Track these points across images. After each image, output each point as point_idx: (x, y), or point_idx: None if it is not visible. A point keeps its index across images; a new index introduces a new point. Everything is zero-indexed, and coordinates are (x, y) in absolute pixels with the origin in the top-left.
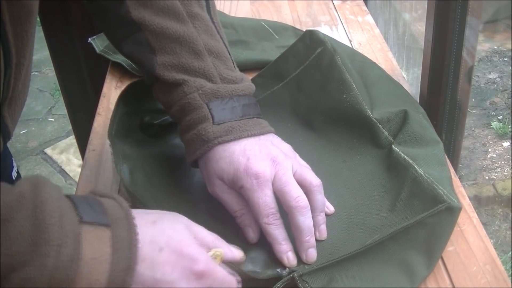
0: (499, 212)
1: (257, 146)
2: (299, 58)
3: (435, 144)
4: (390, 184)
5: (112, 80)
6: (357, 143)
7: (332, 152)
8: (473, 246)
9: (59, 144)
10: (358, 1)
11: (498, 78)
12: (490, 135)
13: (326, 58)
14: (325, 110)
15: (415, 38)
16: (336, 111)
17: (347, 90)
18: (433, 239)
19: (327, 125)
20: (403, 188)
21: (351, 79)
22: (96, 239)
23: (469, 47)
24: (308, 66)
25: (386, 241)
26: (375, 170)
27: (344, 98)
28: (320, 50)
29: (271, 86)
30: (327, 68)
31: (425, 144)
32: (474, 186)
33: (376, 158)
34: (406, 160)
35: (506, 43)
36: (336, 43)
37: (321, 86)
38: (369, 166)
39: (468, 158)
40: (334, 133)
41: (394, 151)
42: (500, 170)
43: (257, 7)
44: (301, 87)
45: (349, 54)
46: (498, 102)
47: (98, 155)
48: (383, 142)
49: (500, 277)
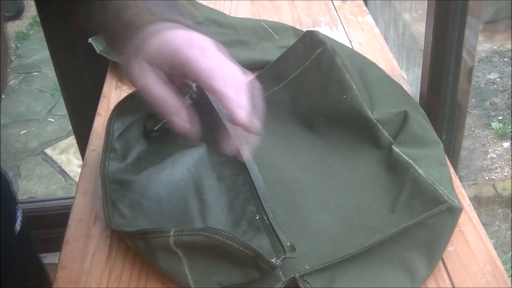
0: (499, 212)
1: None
2: (298, 59)
3: (435, 145)
4: (391, 185)
5: (112, 80)
6: (357, 143)
7: (332, 153)
8: (473, 246)
9: (59, 144)
10: (358, 1)
11: (498, 79)
12: (490, 135)
13: (326, 59)
14: (325, 111)
15: (415, 38)
16: (336, 112)
17: (347, 91)
18: (434, 240)
19: (327, 126)
20: (403, 188)
21: (351, 79)
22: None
23: (469, 47)
24: (308, 67)
25: (386, 241)
26: (375, 171)
27: (344, 98)
28: (320, 51)
29: (271, 87)
30: (327, 69)
31: (425, 145)
32: (474, 187)
33: (376, 158)
34: (407, 160)
35: (506, 43)
36: (336, 43)
37: (321, 86)
38: (369, 166)
39: (468, 159)
40: (334, 134)
41: (394, 151)
42: (500, 170)
43: (257, 7)
44: (301, 88)
45: (348, 54)
46: (498, 102)
47: (98, 155)
48: (383, 142)
49: (500, 277)
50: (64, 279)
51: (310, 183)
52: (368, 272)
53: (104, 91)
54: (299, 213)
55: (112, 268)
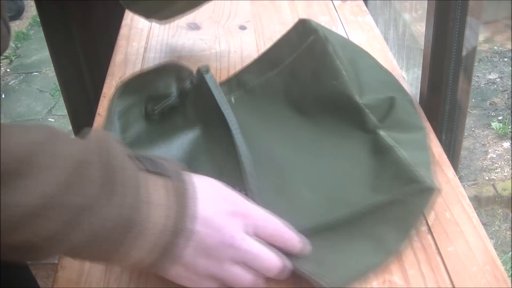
0: (499, 212)
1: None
2: (292, 46)
3: (418, 130)
4: (375, 166)
5: (112, 80)
6: (345, 127)
7: (322, 136)
8: (473, 246)
9: None
10: (358, 1)
11: (498, 79)
12: (490, 135)
13: (318, 46)
14: (316, 96)
15: (415, 38)
16: (326, 98)
17: (337, 77)
18: (406, 216)
19: (317, 111)
20: (386, 169)
21: (341, 66)
22: (157, 186)
23: (469, 47)
24: (301, 54)
25: (360, 214)
26: (361, 153)
27: (334, 84)
28: (313, 38)
29: (265, 73)
30: (319, 56)
31: (408, 129)
32: (474, 187)
33: (363, 142)
34: (390, 144)
35: (506, 43)
36: (328, 31)
37: (313, 73)
38: (356, 149)
39: (468, 159)
40: (325, 119)
41: (380, 135)
42: (500, 170)
43: (257, 7)
44: (294, 75)
45: (340, 42)
46: (498, 102)
47: None
48: (370, 127)
49: (500, 277)
50: (64, 279)
51: (299, 163)
52: (336, 242)
53: (104, 91)
54: (286, 191)
55: (112, 268)
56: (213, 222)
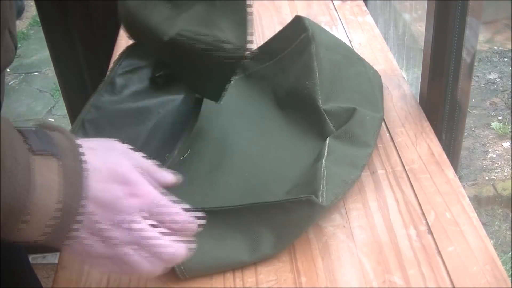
0: (499, 212)
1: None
2: (287, 41)
3: (363, 147)
4: (304, 171)
5: None
6: (306, 128)
7: (284, 133)
8: (473, 246)
9: None
10: (358, 1)
11: (498, 79)
12: (490, 135)
13: (304, 45)
14: (292, 92)
15: (415, 38)
16: (298, 96)
17: (310, 77)
18: (288, 224)
19: (290, 107)
20: (305, 177)
21: (316, 67)
22: (46, 167)
23: (469, 47)
24: (292, 50)
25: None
26: (304, 158)
27: (306, 84)
28: (303, 36)
29: (265, 61)
30: (304, 54)
31: (353, 144)
32: (474, 187)
33: (313, 147)
34: (323, 152)
35: (506, 43)
36: (321, 32)
37: (296, 70)
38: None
39: (468, 159)
40: (293, 116)
41: (325, 143)
42: (500, 170)
43: (257, 7)
44: (283, 69)
45: (332, 45)
46: (498, 102)
47: None
48: (327, 133)
49: (500, 277)
50: (64, 279)
51: (247, 149)
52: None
53: None
54: (217, 172)
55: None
56: (105, 202)
